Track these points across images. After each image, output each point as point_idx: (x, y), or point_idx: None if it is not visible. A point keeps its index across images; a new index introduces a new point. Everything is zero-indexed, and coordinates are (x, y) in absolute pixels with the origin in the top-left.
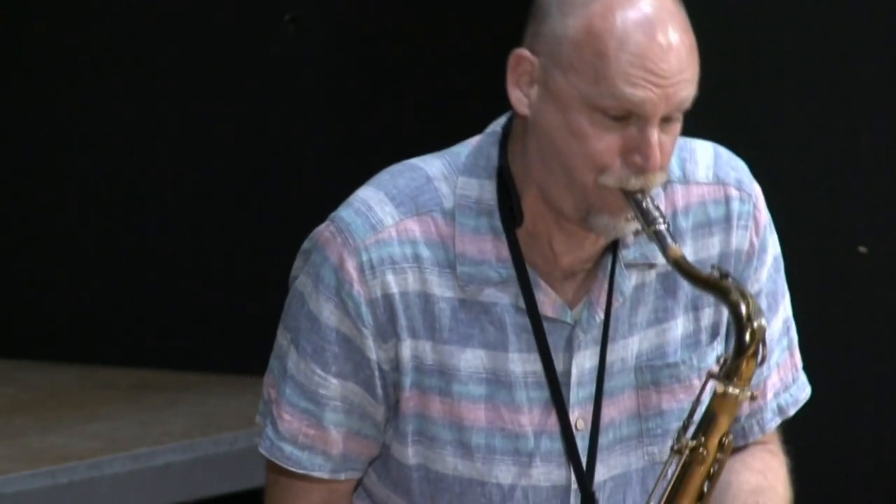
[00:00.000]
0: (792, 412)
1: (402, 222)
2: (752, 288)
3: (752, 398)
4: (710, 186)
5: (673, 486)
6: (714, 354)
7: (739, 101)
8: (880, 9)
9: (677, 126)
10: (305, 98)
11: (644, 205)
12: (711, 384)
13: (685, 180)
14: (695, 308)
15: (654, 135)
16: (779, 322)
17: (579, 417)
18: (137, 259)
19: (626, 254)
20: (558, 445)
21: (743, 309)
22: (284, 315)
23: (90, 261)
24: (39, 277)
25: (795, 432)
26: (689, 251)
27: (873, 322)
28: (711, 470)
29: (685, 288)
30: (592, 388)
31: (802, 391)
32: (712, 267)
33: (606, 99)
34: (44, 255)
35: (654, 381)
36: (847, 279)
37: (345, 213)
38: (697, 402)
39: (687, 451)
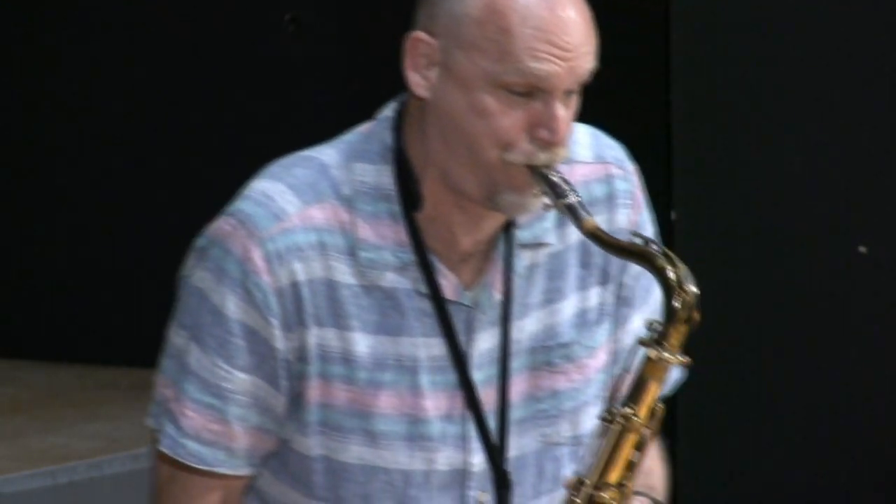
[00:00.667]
0: (666, 390)
1: (304, 210)
2: (634, 266)
3: (685, 364)
4: (592, 165)
5: (604, 456)
6: (602, 334)
7: (739, 103)
8: (880, 9)
9: (576, 100)
10: (305, 98)
11: (554, 179)
12: (641, 352)
13: (568, 160)
14: (583, 288)
15: (560, 108)
16: (654, 305)
17: (482, 400)
18: (138, 260)
19: (519, 234)
20: (459, 429)
21: (671, 274)
22: (179, 314)
23: (91, 261)
24: (40, 278)
25: (796, 430)
26: (574, 232)
27: (873, 322)
28: (642, 438)
29: (574, 268)
30: (491, 370)
31: (674, 372)
32: (632, 234)
33: (511, 75)
34: (44, 255)
35: (547, 361)
36: (847, 279)
37: (244, 205)
38: (627, 369)
39: (620, 420)
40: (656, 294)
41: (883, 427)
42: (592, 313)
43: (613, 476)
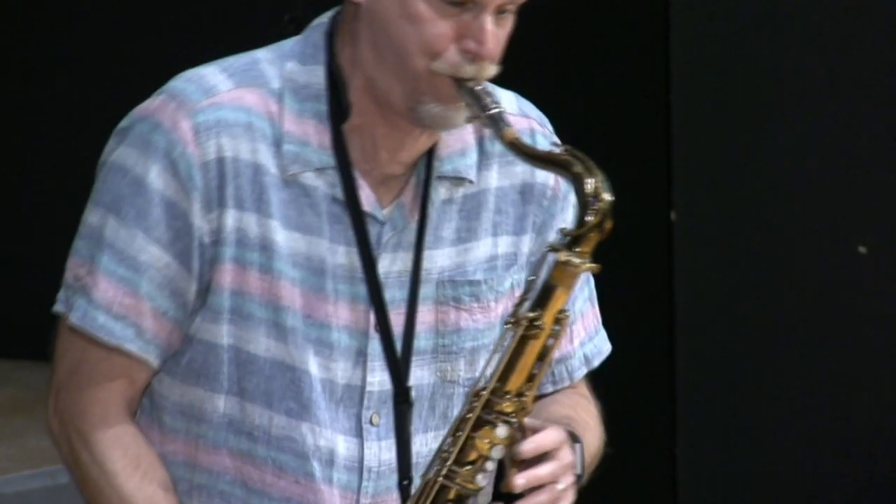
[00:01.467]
0: (596, 363)
1: (235, 90)
2: (559, 226)
3: (594, 270)
4: (516, 117)
5: (506, 362)
6: (510, 281)
7: (739, 103)
8: (879, 9)
9: (509, 22)
10: None
11: (477, 90)
12: (551, 258)
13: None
14: (495, 234)
15: (490, 22)
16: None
17: (384, 320)
18: None
19: (439, 165)
20: (358, 345)
21: (587, 182)
22: (95, 194)
23: None
24: (40, 278)
25: (796, 431)
26: (493, 176)
27: (873, 322)
28: (544, 347)
29: (488, 213)
30: (396, 293)
31: (605, 343)
32: (552, 144)
33: None
34: (44, 255)
35: (454, 297)
36: (847, 279)
37: (175, 83)
38: (535, 276)
39: (524, 323)
40: None
41: (883, 428)
42: (503, 260)
43: (513, 384)
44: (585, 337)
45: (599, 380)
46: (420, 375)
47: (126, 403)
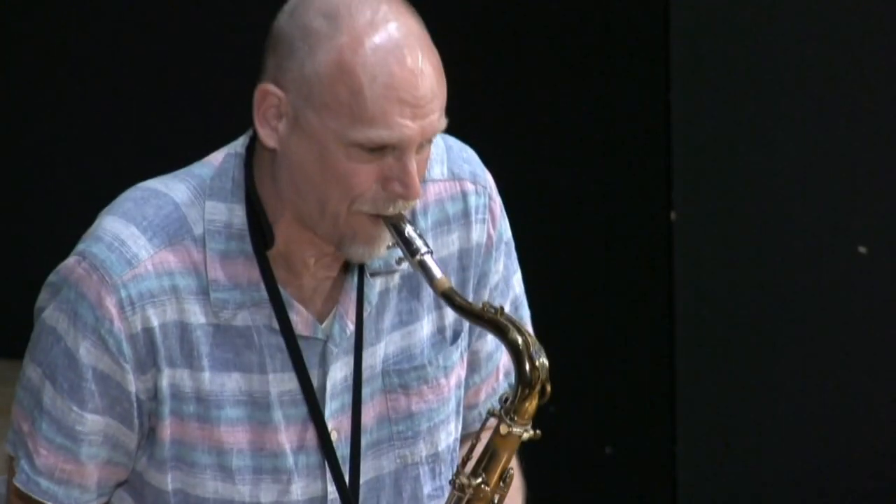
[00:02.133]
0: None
1: (157, 254)
2: (492, 279)
3: (535, 437)
4: (445, 183)
5: None
6: (458, 352)
7: (739, 103)
8: (878, 10)
9: (430, 148)
10: None
11: (406, 233)
12: (492, 421)
13: (421, 179)
14: (438, 307)
15: (412, 162)
16: (507, 304)
17: (334, 429)
18: None
19: (370, 264)
20: (315, 459)
21: (522, 347)
22: (33, 348)
23: None
24: (39, 278)
25: (797, 430)
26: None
27: (873, 322)
28: (493, 501)
29: (428, 289)
30: (345, 398)
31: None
32: (483, 304)
33: (363, 136)
34: (44, 256)
35: (402, 384)
36: (847, 279)
37: (96, 248)
38: (477, 439)
39: (470, 491)
40: (510, 293)
41: (883, 427)
42: (450, 330)
43: None
44: (510, 367)
45: (599, 379)
46: (381, 465)
47: None
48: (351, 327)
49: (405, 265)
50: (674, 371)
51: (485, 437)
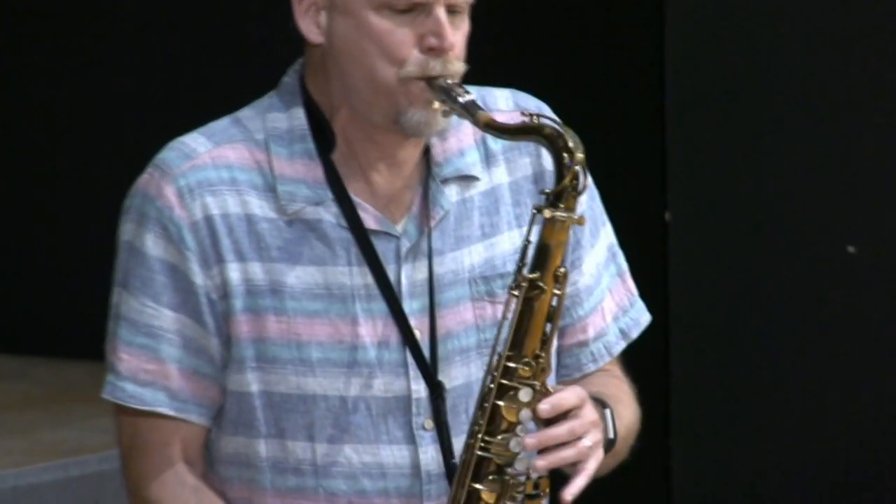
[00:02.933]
0: (635, 334)
1: (215, 149)
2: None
3: (580, 222)
4: (513, 113)
5: (516, 327)
6: None
7: (732, 106)
8: (869, 14)
9: (464, 22)
10: None
11: (447, 84)
12: (539, 220)
13: (489, 109)
14: (519, 225)
15: (442, 14)
16: (602, 248)
17: (415, 328)
18: None
19: (440, 170)
20: (396, 356)
21: (560, 142)
22: (114, 275)
23: (101, 261)
24: (51, 277)
25: (791, 431)
26: (503, 171)
27: (863, 321)
28: (551, 306)
29: (507, 206)
30: (425, 300)
31: (642, 315)
32: (523, 114)
33: None
34: (55, 256)
35: (488, 292)
36: (836, 279)
37: (159, 154)
38: (527, 241)
39: (525, 285)
40: (603, 235)
41: (872, 424)
42: (528, 249)
43: (528, 349)
44: (618, 311)
45: None
46: (469, 372)
47: (184, 463)
48: (426, 229)
49: (479, 172)
50: (668, 370)
51: (534, 237)
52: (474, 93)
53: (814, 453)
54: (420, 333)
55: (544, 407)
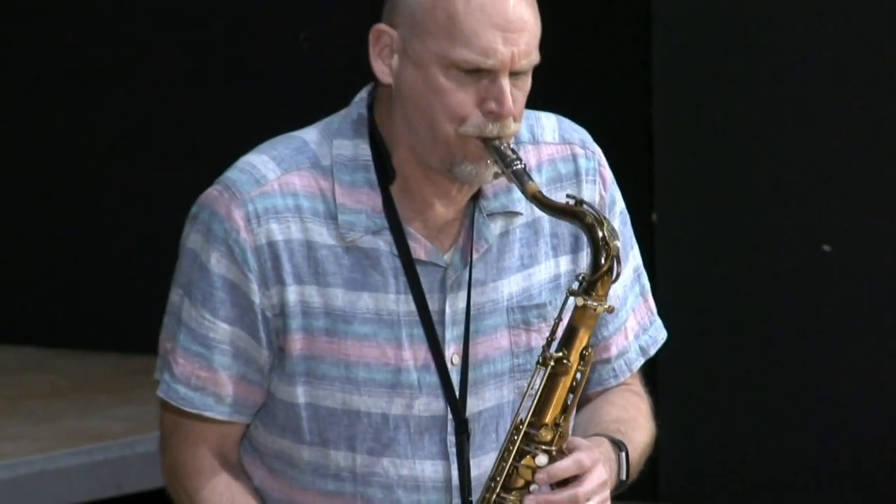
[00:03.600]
0: (653, 351)
1: (283, 176)
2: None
3: (610, 310)
4: (557, 146)
5: (540, 397)
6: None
7: (717, 111)
8: (852, 17)
9: (526, 82)
10: (317, 109)
11: (502, 148)
12: (571, 302)
13: (535, 141)
14: (555, 256)
15: (506, 82)
16: (629, 270)
17: (454, 353)
18: (169, 254)
19: (487, 204)
20: (436, 379)
21: (599, 232)
22: (176, 275)
23: (125, 256)
24: (77, 271)
25: (775, 425)
26: None
27: (837, 319)
28: (574, 381)
29: (545, 237)
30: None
31: (660, 333)
32: (567, 196)
33: (459, 55)
34: (82, 251)
35: (524, 320)
36: (811, 277)
37: (230, 174)
38: (559, 319)
39: (552, 363)
40: (631, 258)
41: (850, 416)
42: (565, 277)
43: (549, 417)
44: (639, 330)
45: None
46: (501, 395)
47: (222, 456)
48: (469, 259)
49: (523, 209)
50: (655, 370)
51: (566, 318)
52: (524, 126)
53: (796, 439)
54: (458, 358)
55: (541, 477)
